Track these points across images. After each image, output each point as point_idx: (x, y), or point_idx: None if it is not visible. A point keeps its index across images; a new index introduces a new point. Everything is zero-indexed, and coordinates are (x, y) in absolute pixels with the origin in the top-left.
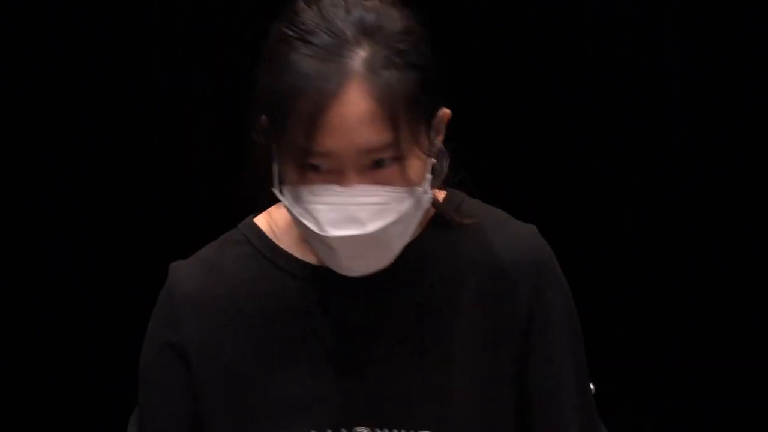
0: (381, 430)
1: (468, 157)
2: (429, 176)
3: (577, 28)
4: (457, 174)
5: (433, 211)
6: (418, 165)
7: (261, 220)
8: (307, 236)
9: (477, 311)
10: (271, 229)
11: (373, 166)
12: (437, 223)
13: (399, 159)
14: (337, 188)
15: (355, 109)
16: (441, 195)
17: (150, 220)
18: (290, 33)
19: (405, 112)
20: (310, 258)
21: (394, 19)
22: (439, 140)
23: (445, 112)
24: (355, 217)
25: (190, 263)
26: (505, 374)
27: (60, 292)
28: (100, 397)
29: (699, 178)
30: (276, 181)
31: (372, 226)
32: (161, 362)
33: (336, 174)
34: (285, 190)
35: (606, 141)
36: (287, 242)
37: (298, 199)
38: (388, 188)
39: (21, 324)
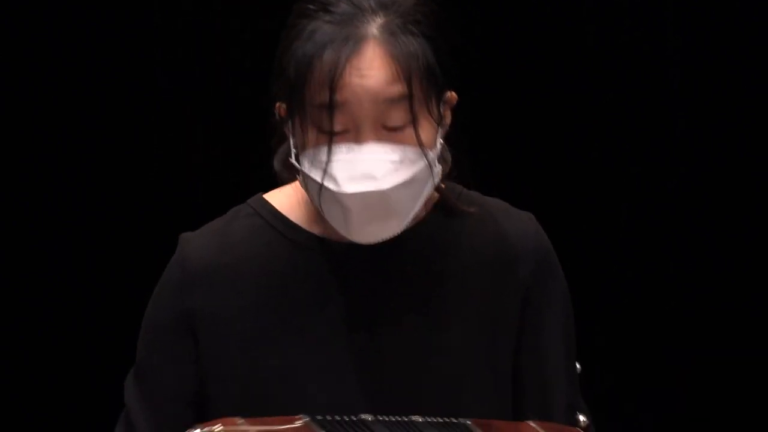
0: (383, 415)
1: (467, 149)
2: (439, 145)
3: (575, 17)
4: (456, 168)
5: (436, 197)
6: (429, 130)
7: (270, 196)
8: (322, 204)
9: (479, 291)
10: (281, 203)
11: (387, 129)
12: (441, 209)
13: (412, 122)
14: (354, 146)
15: (371, 64)
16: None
17: (149, 220)
18: (311, 6)
19: (418, 73)
20: (319, 231)
21: None
22: (447, 120)
23: (453, 95)
24: (370, 174)
25: (200, 234)
26: (505, 349)
27: (58, 292)
28: (91, 397)
29: (699, 169)
30: (293, 153)
31: (386, 182)
32: (168, 331)
33: (353, 134)
34: (303, 157)
35: (603, 132)
36: (296, 216)
37: (316, 163)
38: (402, 146)
39: (18, 326)
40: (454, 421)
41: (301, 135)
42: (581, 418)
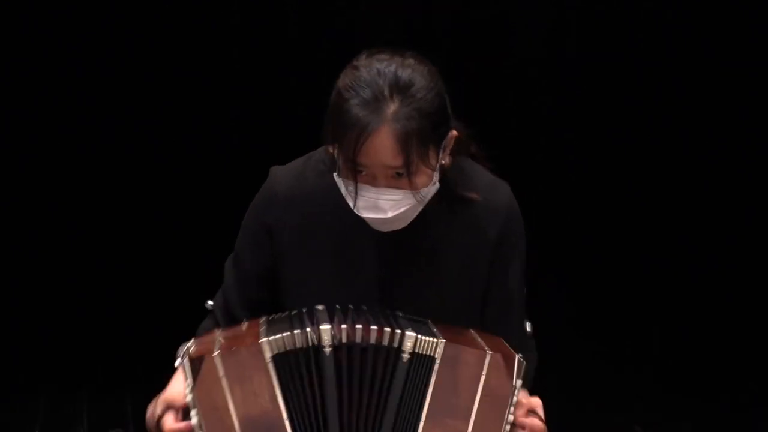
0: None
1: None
2: (435, 178)
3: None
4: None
5: (438, 187)
6: (425, 177)
7: (339, 180)
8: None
9: (464, 241)
10: None
11: (395, 176)
12: (442, 198)
13: (411, 174)
14: (371, 188)
15: (382, 143)
16: (447, 159)
17: (150, 219)
18: (349, 83)
19: (416, 147)
20: None
21: (421, 78)
22: (448, 150)
23: (453, 134)
24: (379, 207)
25: (284, 168)
26: (479, 287)
27: (59, 292)
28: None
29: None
30: (336, 170)
31: (391, 213)
32: (255, 229)
33: (371, 177)
34: (341, 178)
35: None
36: None
37: (350, 192)
38: (402, 191)
39: (18, 327)
40: (421, 319)
41: (341, 166)
42: (528, 325)
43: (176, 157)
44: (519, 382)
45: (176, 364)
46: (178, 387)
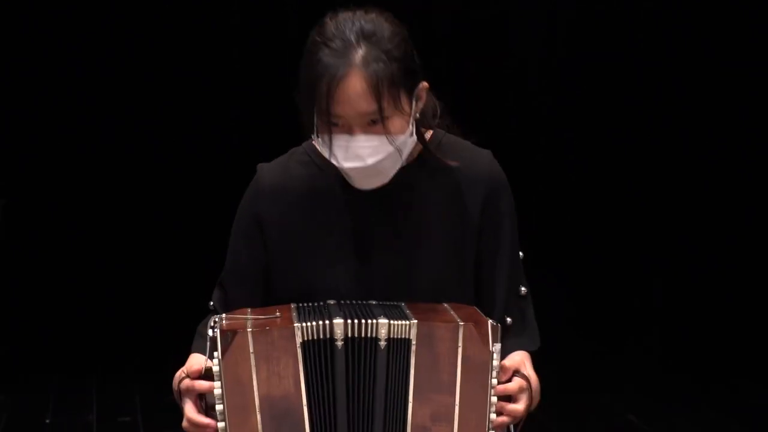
0: (357, 319)
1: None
2: (411, 128)
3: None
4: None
5: (419, 149)
6: (401, 122)
7: (316, 141)
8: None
9: (448, 215)
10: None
11: (370, 123)
12: (422, 159)
13: (385, 119)
14: (348, 137)
15: (354, 89)
16: (429, 134)
17: (150, 219)
18: (318, 39)
19: (387, 90)
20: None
21: (385, 27)
22: (422, 103)
23: (424, 85)
24: (359, 155)
25: (270, 164)
26: (469, 253)
27: (70, 284)
28: None
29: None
30: (315, 131)
31: (370, 161)
32: (246, 224)
33: (347, 128)
34: (319, 138)
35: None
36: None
37: (326, 143)
38: (379, 137)
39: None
40: (394, 303)
41: (317, 123)
42: (522, 288)
43: (176, 156)
44: (497, 347)
45: (209, 334)
46: (199, 358)
